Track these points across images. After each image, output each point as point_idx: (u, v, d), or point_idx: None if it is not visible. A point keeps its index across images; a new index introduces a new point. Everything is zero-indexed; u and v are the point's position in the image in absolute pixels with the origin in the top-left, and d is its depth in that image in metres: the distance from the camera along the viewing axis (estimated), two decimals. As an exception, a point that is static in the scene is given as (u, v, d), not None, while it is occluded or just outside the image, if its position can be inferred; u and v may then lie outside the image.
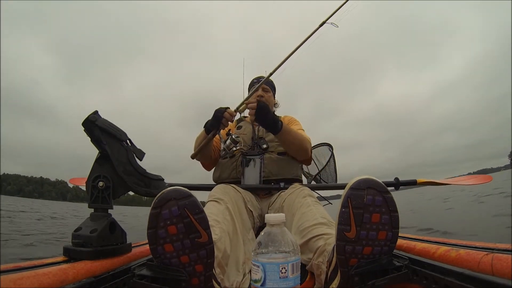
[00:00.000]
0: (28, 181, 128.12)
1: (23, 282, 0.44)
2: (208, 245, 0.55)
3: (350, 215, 0.52)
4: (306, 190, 1.00)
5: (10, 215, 7.97)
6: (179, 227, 0.53)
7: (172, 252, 0.54)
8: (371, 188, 0.52)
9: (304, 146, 1.19)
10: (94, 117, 0.70)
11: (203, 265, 0.55)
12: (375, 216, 0.52)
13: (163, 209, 0.53)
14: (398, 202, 0.53)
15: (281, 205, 1.00)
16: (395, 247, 0.69)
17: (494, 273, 0.42)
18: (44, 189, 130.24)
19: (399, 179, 1.14)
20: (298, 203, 0.92)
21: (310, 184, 1.46)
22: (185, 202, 0.54)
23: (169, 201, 0.53)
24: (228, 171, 1.19)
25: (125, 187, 0.73)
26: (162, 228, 0.53)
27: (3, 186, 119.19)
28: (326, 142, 1.81)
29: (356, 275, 0.53)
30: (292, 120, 1.38)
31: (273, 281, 0.48)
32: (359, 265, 0.53)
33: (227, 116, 1.09)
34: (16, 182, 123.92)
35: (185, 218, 0.53)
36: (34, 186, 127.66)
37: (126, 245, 0.72)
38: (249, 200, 1.03)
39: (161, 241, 0.54)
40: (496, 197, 6.83)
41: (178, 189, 0.55)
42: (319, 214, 0.83)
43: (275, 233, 0.51)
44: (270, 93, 1.39)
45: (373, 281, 0.53)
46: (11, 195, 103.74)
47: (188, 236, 0.54)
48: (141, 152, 0.77)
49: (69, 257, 0.62)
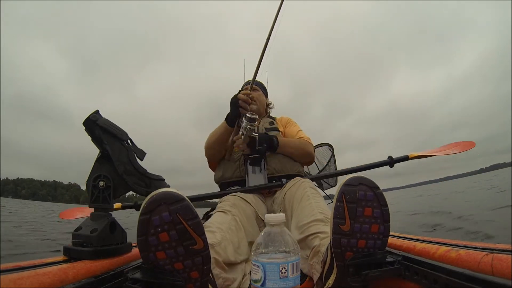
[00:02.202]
0: (42, 185, 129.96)
1: (23, 282, 0.44)
2: (204, 252, 0.52)
3: (344, 209, 0.55)
4: (306, 182, 1.00)
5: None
6: (171, 234, 0.49)
7: (165, 260, 0.50)
8: (363, 184, 0.56)
9: (306, 151, 1.20)
10: (95, 117, 0.70)
11: (198, 272, 0.52)
12: (367, 210, 0.55)
13: (153, 215, 0.48)
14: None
15: (282, 199, 1.00)
16: (394, 247, 0.69)
17: (494, 273, 0.42)
18: (57, 193, 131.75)
19: (392, 157, 1.18)
20: (298, 196, 0.92)
21: (311, 176, 1.46)
22: (177, 207, 0.49)
23: (159, 205, 0.49)
24: (231, 170, 1.19)
25: (125, 187, 0.73)
26: (153, 236, 0.49)
27: (18, 190, 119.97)
28: (326, 143, 1.81)
29: (351, 266, 0.56)
30: (289, 122, 1.38)
31: (273, 281, 0.48)
32: (355, 257, 0.55)
33: (242, 97, 1.10)
34: (30, 186, 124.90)
35: (177, 224, 0.49)
36: (48, 190, 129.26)
37: (126, 245, 0.72)
38: (259, 209, 1.02)
39: (153, 248, 0.49)
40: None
41: (169, 192, 0.50)
42: (318, 208, 0.84)
43: (275, 233, 0.51)
44: (259, 92, 1.40)
45: (366, 272, 0.55)
46: (26, 198, 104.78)
47: (182, 243, 0.50)
48: (142, 152, 0.77)
49: (69, 257, 0.62)
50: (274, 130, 1.27)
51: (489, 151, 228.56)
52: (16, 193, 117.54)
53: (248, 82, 1.40)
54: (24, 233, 4.58)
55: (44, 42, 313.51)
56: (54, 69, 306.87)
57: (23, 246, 3.16)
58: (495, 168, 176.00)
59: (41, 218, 8.90)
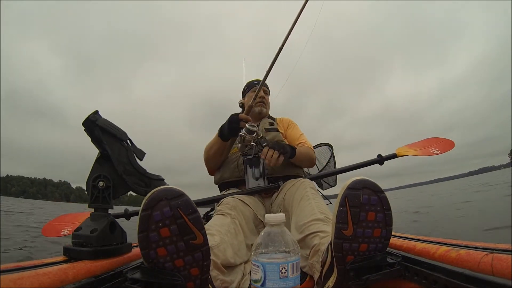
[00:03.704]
0: (32, 183, 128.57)
1: (23, 282, 0.44)
2: (204, 247, 0.53)
3: (347, 214, 0.54)
4: (306, 182, 1.00)
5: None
6: (172, 229, 0.50)
7: (166, 256, 0.51)
8: (367, 188, 0.55)
9: (312, 158, 1.22)
10: (94, 117, 0.70)
11: (198, 268, 0.53)
12: (371, 215, 0.54)
13: (154, 210, 0.49)
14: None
15: (282, 199, 1.01)
16: (394, 247, 0.69)
17: (494, 273, 0.42)
18: (47, 190, 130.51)
19: (382, 155, 1.22)
20: (298, 196, 0.93)
21: (310, 175, 1.47)
22: (177, 202, 0.50)
23: (160, 201, 0.50)
24: (229, 171, 1.19)
25: (125, 187, 0.73)
26: (154, 231, 0.49)
27: (8, 187, 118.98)
28: (326, 142, 1.81)
29: (351, 270, 0.55)
30: (291, 124, 1.38)
31: (273, 281, 0.48)
32: (355, 261, 0.55)
33: (243, 117, 1.08)
34: (20, 184, 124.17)
35: (178, 219, 0.50)
36: (38, 188, 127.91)
37: (126, 245, 0.72)
38: (258, 210, 1.02)
39: (154, 245, 0.50)
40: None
41: (169, 188, 0.51)
42: (318, 208, 0.84)
43: (275, 233, 0.51)
44: (268, 95, 1.42)
45: (367, 276, 0.55)
46: (16, 196, 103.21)
47: (182, 238, 0.51)
48: (142, 152, 0.77)
49: (69, 257, 0.62)
50: (273, 131, 1.27)
51: (481, 153, 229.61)
52: (6, 191, 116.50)
53: (254, 82, 1.41)
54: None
55: (39, 40, 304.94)
56: (48, 66, 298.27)
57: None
58: (483, 171, 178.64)
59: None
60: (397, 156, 1.23)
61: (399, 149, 1.27)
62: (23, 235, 3.53)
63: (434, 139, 1.34)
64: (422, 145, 1.33)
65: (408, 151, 1.25)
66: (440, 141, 1.32)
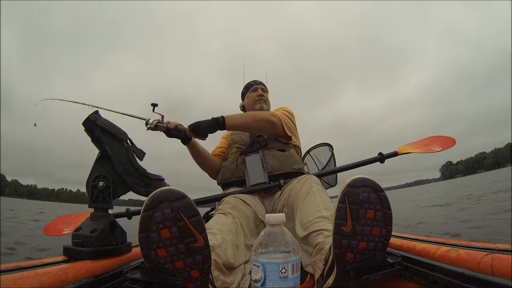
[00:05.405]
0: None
1: (23, 282, 0.44)
2: (205, 250, 0.52)
3: (346, 210, 0.54)
4: (312, 178, 1.00)
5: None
6: (173, 231, 0.50)
7: (166, 258, 0.51)
8: (367, 186, 0.55)
9: (262, 118, 1.16)
10: (94, 117, 0.70)
11: (199, 271, 0.52)
12: (370, 213, 0.55)
13: (155, 211, 0.49)
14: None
15: (288, 195, 1.00)
16: (394, 247, 0.69)
17: (494, 273, 0.42)
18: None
19: (382, 154, 1.21)
20: (304, 192, 0.93)
21: (315, 172, 1.46)
22: (179, 204, 0.50)
23: (162, 202, 0.50)
24: (229, 171, 1.19)
25: (125, 187, 0.73)
26: (155, 232, 0.49)
27: None
28: (326, 142, 1.81)
29: (351, 271, 0.55)
30: (280, 109, 1.37)
31: (273, 281, 0.48)
32: (355, 260, 0.55)
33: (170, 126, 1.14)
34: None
35: (179, 221, 0.50)
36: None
37: (126, 245, 0.72)
38: (258, 210, 1.02)
39: (154, 245, 0.50)
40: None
41: (171, 190, 0.51)
42: (323, 205, 0.84)
43: (275, 233, 0.51)
44: (267, 93, 1.45)
45: (367, 276, 0.55)
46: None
47: (183, 240, 0.51)
48: (142, 152, 0.77)
49: (69, 257, 0.62)
50: None
51: (417, 167, 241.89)
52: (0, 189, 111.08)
53: (251, 83, 1.47)
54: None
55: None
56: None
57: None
58: (417, 183, 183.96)
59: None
60: (398, 154, 1.22)
61: (400, 148, 1.26)
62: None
63: (435, 138, 1.34)
64: (423, 143, 1.32)
65: (409, 149, 1.25)
66: (441, 139, 1.31)
